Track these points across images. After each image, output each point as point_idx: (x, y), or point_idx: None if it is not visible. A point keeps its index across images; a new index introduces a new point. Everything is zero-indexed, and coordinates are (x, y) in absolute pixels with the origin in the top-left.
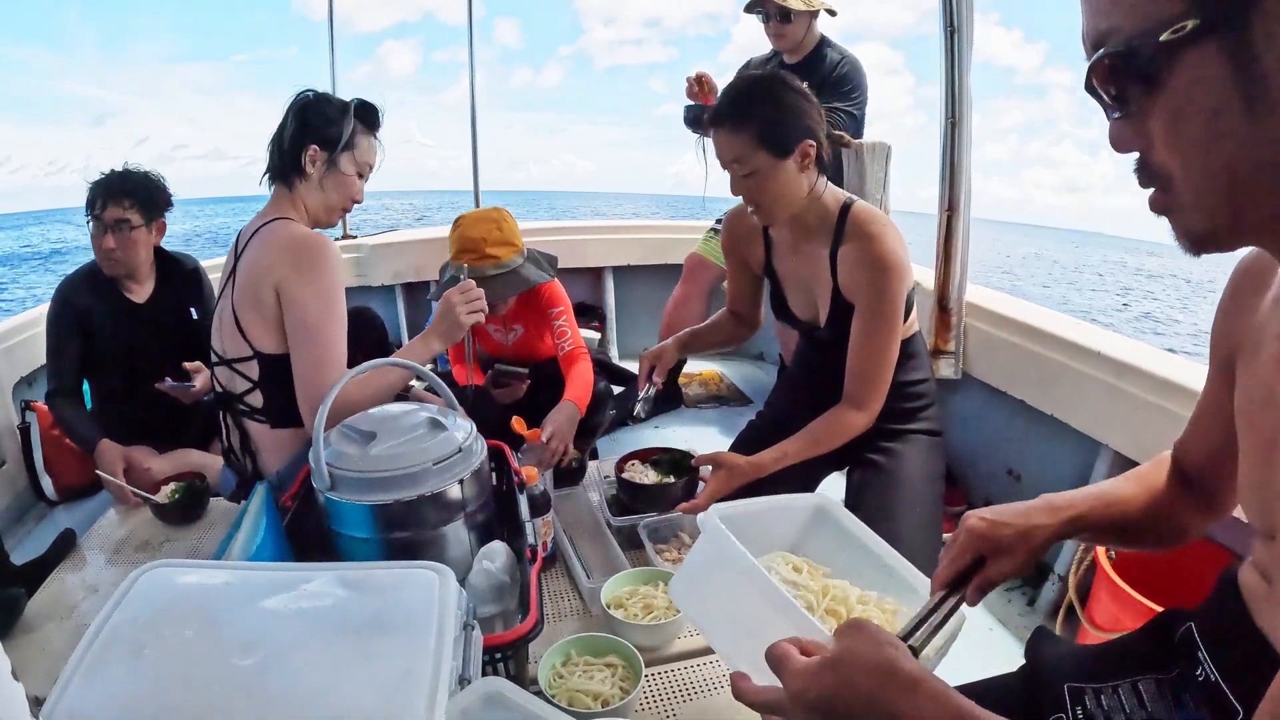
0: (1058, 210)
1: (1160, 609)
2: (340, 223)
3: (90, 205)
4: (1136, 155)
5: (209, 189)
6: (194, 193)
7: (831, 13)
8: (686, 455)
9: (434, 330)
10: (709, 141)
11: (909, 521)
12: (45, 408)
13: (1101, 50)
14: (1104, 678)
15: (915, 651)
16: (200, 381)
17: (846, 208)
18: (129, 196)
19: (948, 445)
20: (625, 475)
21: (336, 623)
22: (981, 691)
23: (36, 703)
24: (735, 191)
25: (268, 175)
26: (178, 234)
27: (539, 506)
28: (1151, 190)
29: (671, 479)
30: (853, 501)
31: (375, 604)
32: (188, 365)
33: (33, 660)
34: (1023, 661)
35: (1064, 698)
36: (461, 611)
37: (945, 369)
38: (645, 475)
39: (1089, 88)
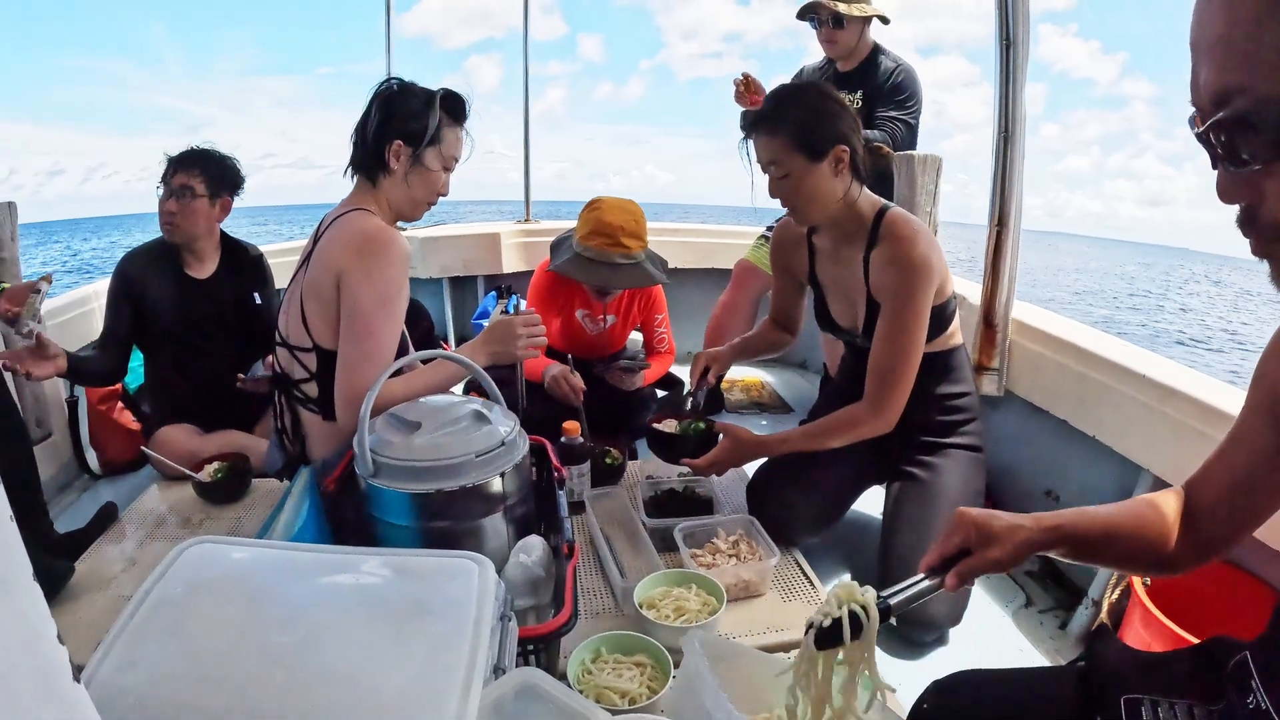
0: (1141, 223)
1: (1192, 638)
2: None
3: (164, 175)
4: (1240, 206)
5: (297, 196)
6: (283, 200)
7: (884, 20)
8: (711, 423)
9: (482, 347)
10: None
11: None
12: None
13: (1228, 109)
14: (1158, 690)
15: (889, 611)
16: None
17: (882, 213)
18: (197, 167)
19: (987, 462)
20: (656, 425)
21: (377, 606)
22: (1034, 680)
23: (75, 670)
24: (772, 193)
25: (351, 167)
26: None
27: (578, 456)
28: (1252, 238)
29: (689, 434)
30: (890, 512)
31: (415, 590)
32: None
33: (68, 629)
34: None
35: (1119, 706)
36: (499, 602)
37: (988, 385)
38: (669, 429)
39: (1202, 138)
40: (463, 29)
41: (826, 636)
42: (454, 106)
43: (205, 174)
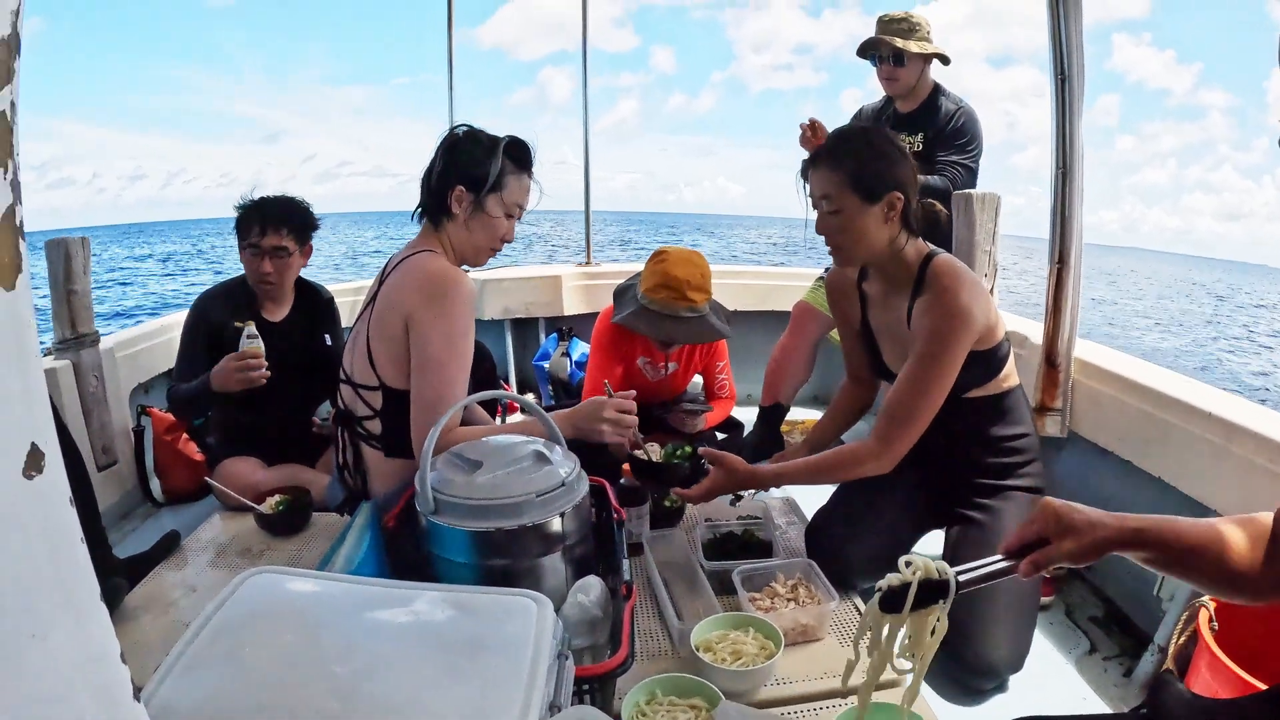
0: (1220, 239)
1: (1262, 685)
2: None
3: (245, 230)
4: None
5: (371, 204)
6: (356, 207)
7: (945, 60)
8: (695, 448)
9: (568, 420)
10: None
11: (1004, 584)
12: (159, 413)
13: None
14: None
15: (959, 586)
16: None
17: (928, 260)
18: (285, 225)
19: None
20: (636, 452)
21: (435, 640)
22: None
23: (135, 690)
24: (819, 229)
25: (419, 211)
26: (338, 251)
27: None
28: None
29: (676, 461)
30: (949, 559)
31: (474, 626)
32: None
33: (126, 650)
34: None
35: None
36: (556, 640)
37: (1051, 426)
38: (654, 455)
39: None
40: (537, 41)
41: (894, 600)
42: (518, 154)
43: (293, 231)
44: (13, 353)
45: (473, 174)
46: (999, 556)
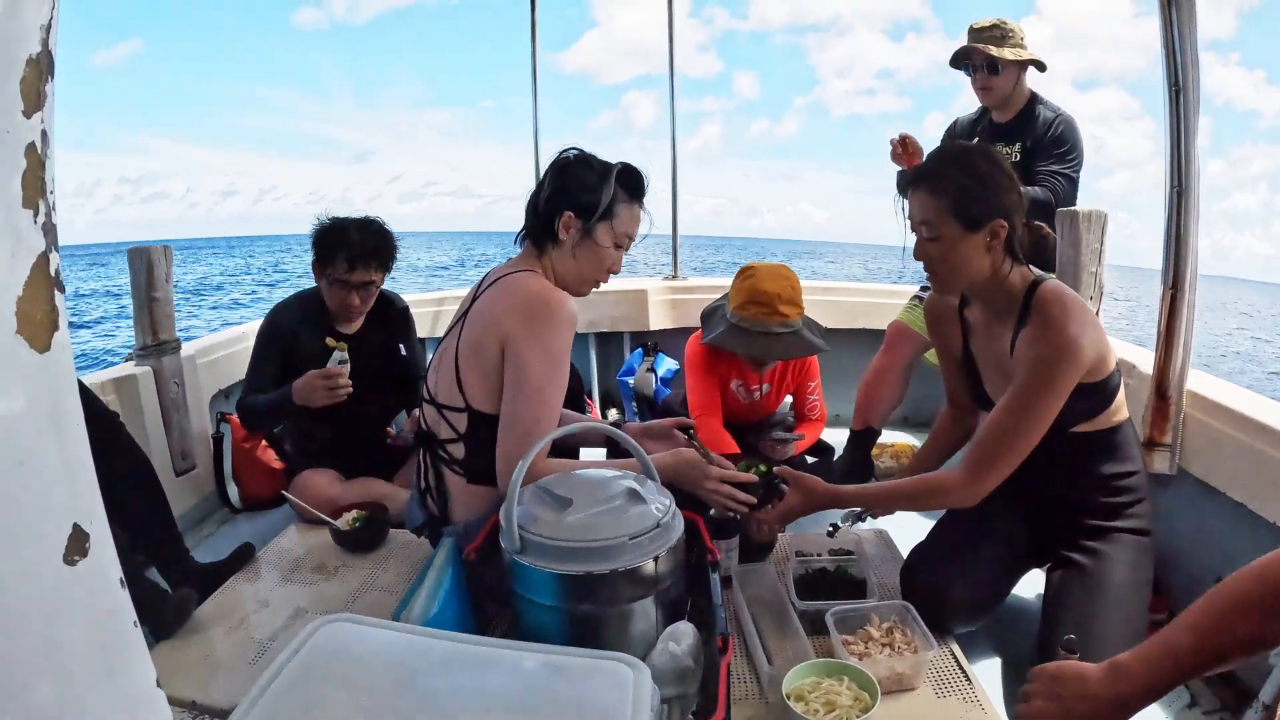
0: None
1: None
2: None
3: (329, 260)
4: None
5: (457, 224)
6: (442, 226)
7: (1040, 66)
8: (771, 467)
9: (668, 474)
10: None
11: (1109, 632)
12: (239, 420)
13: None
14: None
15: None
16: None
17: (1033, 288)
18: (374, 259)
19: (1155, 546)
20: None
21: (523, 709)
22: None
23: (193, 706)
24: (917, 255)
25: (522, 234)
26: (423, 272)
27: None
28: None
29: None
30: (1051, 604)
31: (566, 693)
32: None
33: (194, 663)
34: None
35: None
36: (653, 712)
37: (1160, 463)
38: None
39: None
40: (621, 65)
41: None
42: (631, 182)
43: (381, 263)
44: (49, 425)
45: (583, 200)
46: None
